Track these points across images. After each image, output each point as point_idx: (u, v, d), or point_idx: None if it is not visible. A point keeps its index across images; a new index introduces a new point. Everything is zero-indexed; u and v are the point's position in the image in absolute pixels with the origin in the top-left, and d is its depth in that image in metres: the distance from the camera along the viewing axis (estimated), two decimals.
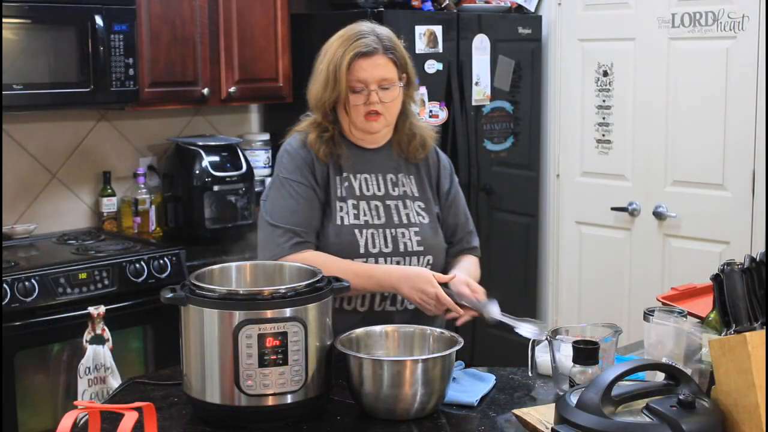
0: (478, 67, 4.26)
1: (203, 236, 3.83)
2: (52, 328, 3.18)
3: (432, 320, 2.36)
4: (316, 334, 1.95)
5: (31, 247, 3.59)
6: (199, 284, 1.96)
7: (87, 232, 3.83)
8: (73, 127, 3.88)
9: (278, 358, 1.90)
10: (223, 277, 2.14)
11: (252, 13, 3.97)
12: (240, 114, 4.40)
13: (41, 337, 3.19)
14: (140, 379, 2.23)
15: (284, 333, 1.90)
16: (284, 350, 1.90)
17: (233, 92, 3.95)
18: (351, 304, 2.40)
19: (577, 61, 4.45)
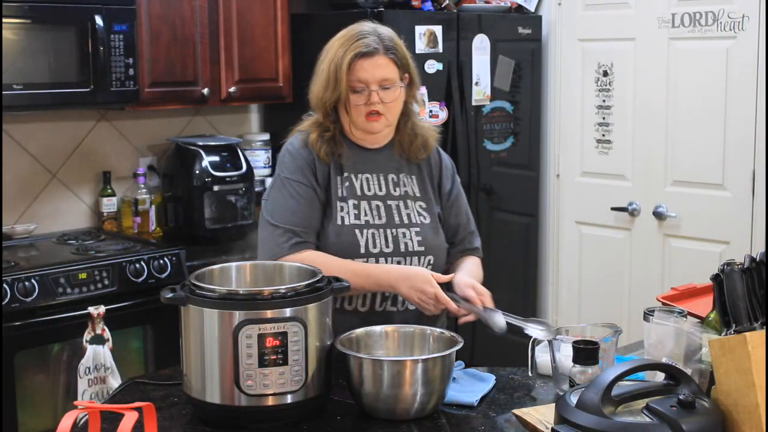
0: (478, 67, 4.26)
1: (203, 236, 3.83)
2: (52, 328, 3.18)
3: (434, 321, 2.36)
4: (316, 334, 1.95)
5: (31, 247, 3.59)
6: (199, 284, 1.96)
7: (87, 232, 3.83)
8: (73, 127, 3.88)
9: (278, 358, 1.90)
10: (223, 277, 2.14)
11: (252, 13, 3.97)
12: (240, 114, 4.40)
13: (41, 337, 3.19)
14: (140, 379, 2.23)
15: (284, 333, 1.90)
16: (284, 350, 1.90)
17: (233, 92, 3.94)
18: (352, 304, 2.39)
19: (577, 61, 4.45)
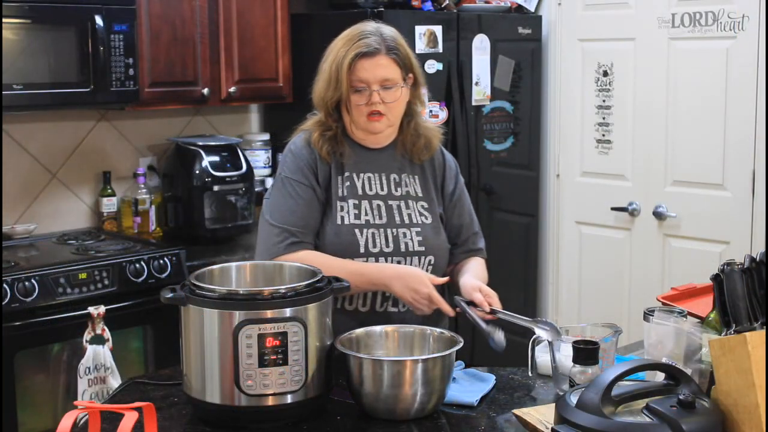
0: (478, 67, 4.26)
1: (203, 236, 3.83)
2: (52, 328, 3.18)
3: (436, 322, 2.35)
4: (316, 334, 1.95)
5: (31, 247, 3.59)
6: (199, 284, 1.96)
7: (87, 232, 3.83)
8: (73, 127, 3.88)
9: (278, 358, 1.90)
10: (223, 277, 2.14)
11: (252, 13, 3.96)
12: (240, 114, 4.40)
13: (41, 337, 3.19)
14: (140, 379, 2.23)
15: (284, 333, 1.90)
16: (284, 350, 1.90)
17: (233, 92, 3.94)
18: (352, 304, 2.39)
19: (577, 61, 4.45)
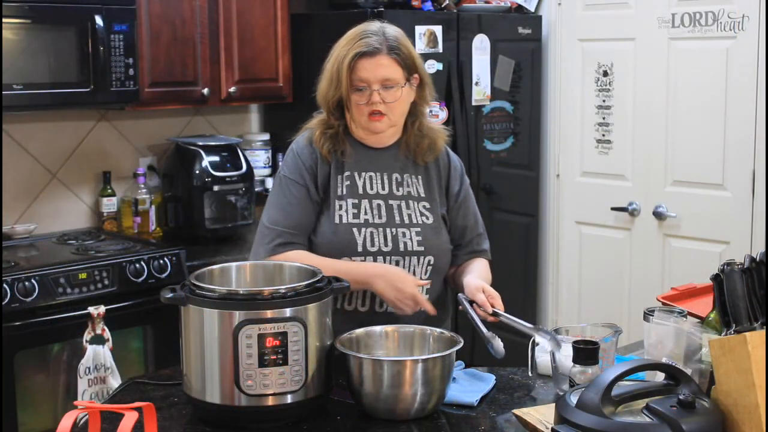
0: (478, 67, 4.26)
1: (203, 236, 3.83)
2: (52, 328, 3.18)
3: (438, 323, 2.34)
4: (316, 334, 1.95)
5: (31, 247, 3.59)
6: (199, 284, 1.96)
7: (87, 232, 3.83)
8: (73, 127, 3.88)
9: (278, 358, 1.90)
10: (223, 277, 2.14)
11: (252, 13, 3.96)
12: (240, 114, 4.40)
13: (41, 337, 3.19)
14: (140, 379, 2.23)
15: (284, 333, 1.90)
16: (284, 350, 1.90)
17: (233, 92, 3.94)
18: (352, 304, 2.39)
19: (577, 61, 4.45)
